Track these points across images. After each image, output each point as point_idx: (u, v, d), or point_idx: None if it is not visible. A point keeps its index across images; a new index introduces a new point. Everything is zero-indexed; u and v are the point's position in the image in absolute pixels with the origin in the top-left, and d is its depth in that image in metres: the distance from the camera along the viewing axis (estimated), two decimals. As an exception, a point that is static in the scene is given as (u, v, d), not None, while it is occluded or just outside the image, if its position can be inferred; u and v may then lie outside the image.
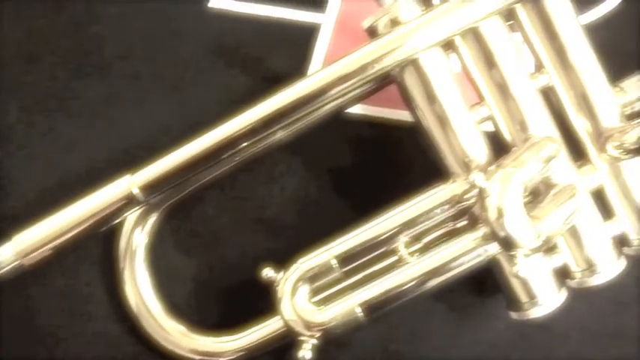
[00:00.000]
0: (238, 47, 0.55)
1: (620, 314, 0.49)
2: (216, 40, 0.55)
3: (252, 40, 0.55)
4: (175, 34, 0.55)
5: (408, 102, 0.44)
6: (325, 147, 0.52)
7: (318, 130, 0.48)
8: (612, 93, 0.44)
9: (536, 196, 0.43)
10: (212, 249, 0.51)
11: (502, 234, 0.39)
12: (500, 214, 0.39)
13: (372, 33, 0.44)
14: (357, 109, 0.52)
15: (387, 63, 0.43)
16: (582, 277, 0.44)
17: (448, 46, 0.44)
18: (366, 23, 0.44)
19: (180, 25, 0.55)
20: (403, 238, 0.44)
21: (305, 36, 0.55)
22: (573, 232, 0.44)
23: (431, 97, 0.43)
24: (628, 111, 0.45)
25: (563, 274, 0.45)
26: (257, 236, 0.51)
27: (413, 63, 0.43)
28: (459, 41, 0.44)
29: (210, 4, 0.56)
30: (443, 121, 0.44)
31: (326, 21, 0.55)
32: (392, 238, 0.44)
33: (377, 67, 0.43)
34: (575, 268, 0.44)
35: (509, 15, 0.44)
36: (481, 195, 0.39)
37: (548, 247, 0.44)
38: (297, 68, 0.54)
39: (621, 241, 0.45)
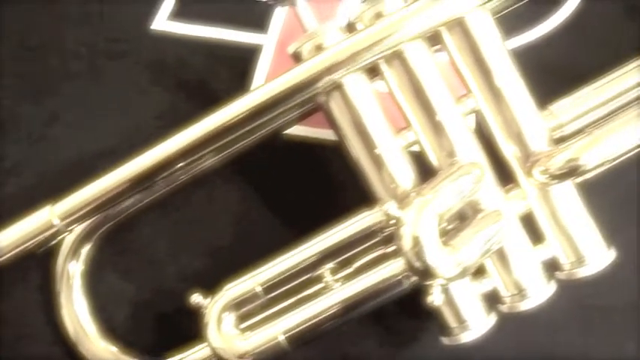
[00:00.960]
0: (181, 68, 0.55)
1: (554, 338, 0.49)
2: (159, 61, 0.55)
3: (195, 61, 0.55)
4: (119, 55, 0.56)
5: (334, 128, 0.44)
6: (264, 169, 0.52)
7: (256, 152, 0.48)
8: (540, 117, 0.44)
9: (462, 220, 0.43)
10: (151, 271, 0.51)
11: (417, 264, 0.38)
12: (414, 244, 0.38)
13: (297, 58, 0.44)
14: (295, 130, 0.52)
15: (311, 89, 0.43)
16: (512, 302, 0.44)
17: (374, 71, 0.44)
18: (290, 49, 0.44)
19: (124, 46, 0.56)
20: (329, 265, 0.44)
21: (247, 57, 0.55)
22: (502, 257, 0.44)
23: (356, 123, 0.43)
24: (557, 134, 0.44)
25: (493, 299, 0.45)
26: (195, 258, 0.51)
27: (338, 88, 0.43)
28: (384, 66, 0.44)
29: (152, 26, 0.56)
30: (368, 146, 0.43)
31: (267, 42, 0.55)
32: (316, 265, 0.44)
33: (299, 94, 0.43)
34: (505, 293, 0.44)
35: (434, 39, 0.44)
36: (396, 224, 0.39)
37: (478, 272, 0.44)
38: (239, 89, 0.54)
39: (552, 266, 0.45)
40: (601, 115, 0.44)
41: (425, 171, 0.44)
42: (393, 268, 0.42)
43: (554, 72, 0.53)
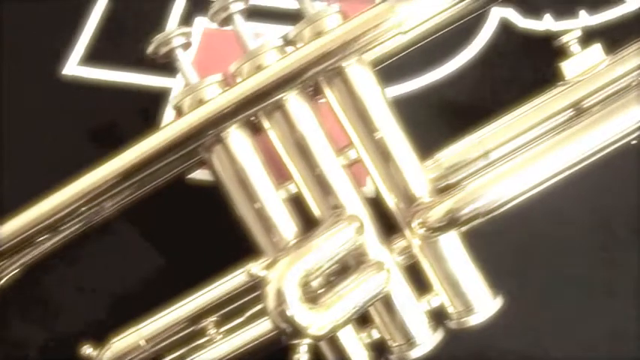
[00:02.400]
0: (92, 113, 0.56)
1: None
2: (69, 106, 0.56)
3: (106, 105, 0.56)
4: (30, 101, 0.56)
5: (217, 181, 0.44)
6: (168, 214, 0.52)
7: (159, 197, 0.48)
8: (421, 167, 0.43)
9: (345, 272, 0.43)
10: (56, 319, 0.51)
11: (281, 324, 0.38)
12: (278, 304, 0.38)
13: (179, 112, 0.44)
14: (199, 174, 0.52)
15: (190, 144, 0.43)
16: (400, 351, 0.44)
17: (255, 125, 0.44)
18: (172, 102, 0.44)
19: (34, 92, 0.56)
20: (213, 318, 0.44)
21: (156, 100, 0.56)
22: (388, 307, 0.44)
23: (237, 177, 0.43)
24: (442, 184, 0.44)
25: (381, 348, 0.45)
26: (98, 306, 0.51)
27: (218, 142, 0.44)
28: (264, 121, 0.44)
29: (63, 72, 0.57)
30: (249, 200, 0.43)
31: (176, 85, 0.56)
32: (199, 318, 0.44)
33: (178, 149, 0.43)
34: (392, 343, 0.44)
35: (315, 90, 0.44)
36: (261, 284, 0.39)
37: (364, 321, 0.44)
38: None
39: (441, 315, 0.45)
40: (484, 164, 0.44)
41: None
42: (268, 324, 0.43)
43: (461, 111, 0.53)
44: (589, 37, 0.54)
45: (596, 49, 0.45)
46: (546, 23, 0.55)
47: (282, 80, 0.42)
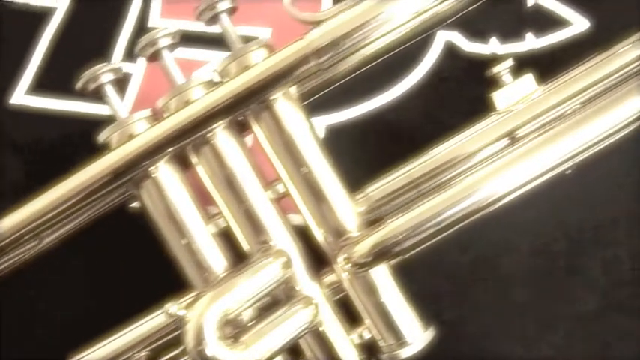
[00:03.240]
0: (40, 143, 0.56)
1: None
2: (18, 135, 0.56)
3: (54, 134, 0.56)
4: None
5: (147, 216, 0.44)
6: (111, 242, 0.52)
7: (102, 226, 0.48)
8: (349, 201, 0.43)
9: (275, 306, 0.43)
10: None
11: (200, 364, 0.38)
12: (197, 343, 0.38)
13: (107, 148, 0.44)
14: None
15: (118, 179, 0.43)
16: (333, 385, 0.44)
17: (184, 160, 0.44)
18: (100, 137, 0.44)
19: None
20: (144, 352, 0.44)
21: (104, 129, 0.56)
22: (318, 340, 0.43)
23: (165, 212, 0.43)
24: (372, 217, 0.44)
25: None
26: (46, 333, 0.52)
27: (147, 178, 0.44)
28: (192, 156, 0.44)
29: (11, 101, 0.57)
30: (179, 234, 0.43)
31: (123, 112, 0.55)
32: (130, 352, 0.44)
33: (106, 186, 0.43)
34: (324, 376, 0.44)
35: (244, 126, 0.44)
36: (180, 323, 0.39)
37: (294, 353, 0.44)
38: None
39: (373, 348, 0.45)
40: (414, 197, 0.44)
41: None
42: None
43: (406, 137, 0.53)
44: (535, 60, 0.55)
45: (528, 78, 0.45)
46: (492, 47, 0.54)
47: (208, 116, 0.42)
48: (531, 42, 0.55)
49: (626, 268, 0.51)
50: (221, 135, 0.43)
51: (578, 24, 0.55)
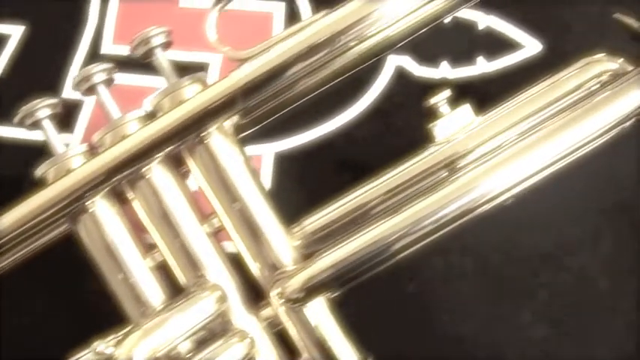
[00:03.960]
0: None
1: None
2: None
3: (8, 163, 0.56)
4: None
5: (85, 252, 0.44)
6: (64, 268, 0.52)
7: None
8: (284, 235, 0.43)
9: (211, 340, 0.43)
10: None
11: (128, 405, 0.38)
12: (126, 383, 0.38)
13: (43, 183, 0.44)
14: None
15: (55, 214, 0.43)
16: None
17: (120, 194, 0.44)
18: (37, 172, 0.45)
19: None
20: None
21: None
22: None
23: (103, 246, 0.43)
24: (309, 251, 0.44)
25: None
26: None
27: (84, 212, 0.43)
28: (128, 191, 0.44)
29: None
30: (116, 269, 0.43)
31: (74, 141, 0.56)
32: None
33: (44, 220, 0.43)
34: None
35: (179, 161, 0.44)
36: (109, 362, 0.39)
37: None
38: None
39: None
40: (349, 230, 0.44)
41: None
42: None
43: (354, 164, 0.53)
44: (486, 83, 0.55)
45: (466, 109, 0.44)
46: (443, 71, 0.54)
47: (142, 151, 0.42)
48: (482, 66, 0.54)
49: (575, 293, 0.50)
50: (156, 170, 0.43)
51: (531, 46, 0.54)
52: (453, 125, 0.44)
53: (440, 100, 0.44)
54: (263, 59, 0.42)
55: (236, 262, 0.44)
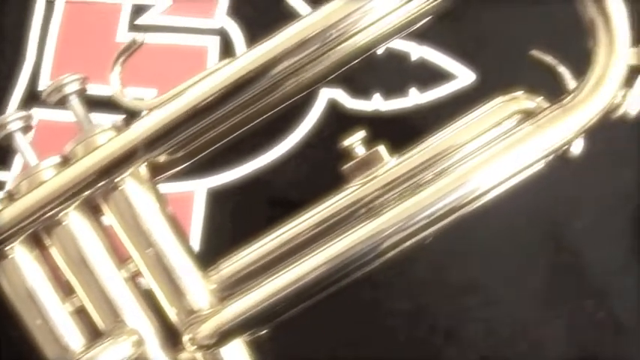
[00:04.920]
0: None
1: None
2: None
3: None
4: None
5: (4, 298, 0.45)
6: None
7: None
8: (200, 278, 0.43)
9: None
10: None
11: None
12: None
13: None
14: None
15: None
16: None
17: (39, 243, 0.45)
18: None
19: None
20: None
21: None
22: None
23: (23, 292, 0.43)
24: (226, 294, 0.44)
25: None
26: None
27: (2, 258, 0.44)
28: (45, 237, 0.44)
29: None
30: (36, 314, 0.43)
31: (10, 178, 0.56)
32: None
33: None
34: None
35: (96, 207, 0.45)
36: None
37: None
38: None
39: None
40: (266, 273, 0.44)
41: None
42: None
43: (285, 200, 0.53)
44: (420, 115, 0.55)
45: (381, 150, 0.44)
46: (375, 103, 0.54)
47: (57, 198, 0.43)
48: (415, 97, 0.54)
49: (506, 331, 0.50)
50: (73, 216, 0.43)
51: (464, 77, 0.54)
52: (368, 167, 0.44)
53: (354, 141, 0.44)
54: (166, 110, 0.42)
55: (156, 306, 0.45)
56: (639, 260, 0.51)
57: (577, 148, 0.44)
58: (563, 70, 0.44)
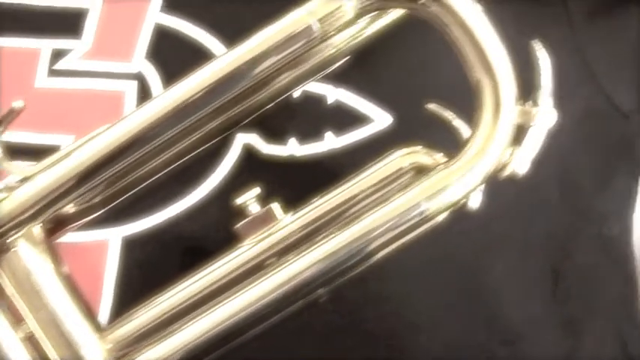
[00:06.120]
0: None
1: None
2: None
3: None
4: None
5: None
6: None
7: None
8: (96, 340, 0.43)
9: None
10: None
11: None
12: None
13: None
14: None
15: None
16: None
17: None
18: None
19: None
20: None
21: None
22: None
23: None
24: (122, 354, 0.44)
25: None
26: None
27: None
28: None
29: None
30: None
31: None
32: None
33: None
34: None
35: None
36: None
37: None
38: None
39: None
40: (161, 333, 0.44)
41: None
42: None
43: (199, 249, 0.52)
44: (335, 159, 0.54)
45: (274, 207, 0.44)
46: (291, 148, 0.54)
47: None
48: (331, 141, 0.54)
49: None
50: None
51: (380, 120, 0.54)
52: (261, 225, 0.44)
53: (248, 198, 0.44)
54: (52, 171, 0.42)
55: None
56: (555, 309, 0.51)
57: (475, 202, 0.44)
58: (460, 124, 0.44)
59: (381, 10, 0.43)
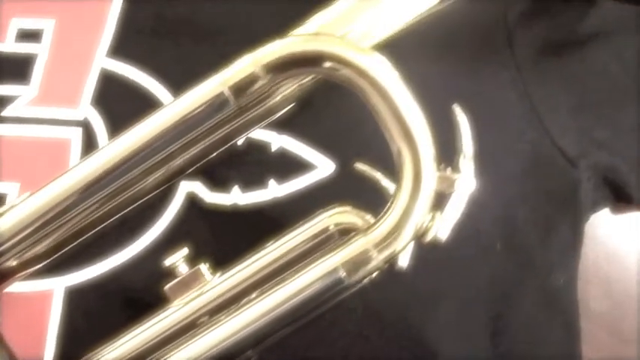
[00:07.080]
0: None
1: None
2: None
3: None
4: None
5: None
6: None
7: None
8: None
9: None
10: None
11: None
12: None
13: None
14: None
15: None
16: None
17: None
18: None
19: None
20: None
21: None
22: None
23: None
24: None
25: None
26: None
27: None
28: None
29: None
30: None
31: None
32: None
33: None
34: None
35: None
36: None
37: None
38: None
39: None
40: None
41: None
42: None
43: (140, 301, 0.52)
44: (278, 208, 0.54)
45: (203, 268, 0.44)
46: (234, 196, 0.53)
47: None
48: (274, 189, 0.53)
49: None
50: None
51: (324, 167, 0.53)
52: (189, 286, 0.44)
53: (177, 259, 0.44)
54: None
55: None
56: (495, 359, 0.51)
57: (404, 261, 0.44)
58: (388, 184, 0.44)
59: (292, 77, 0.43)
